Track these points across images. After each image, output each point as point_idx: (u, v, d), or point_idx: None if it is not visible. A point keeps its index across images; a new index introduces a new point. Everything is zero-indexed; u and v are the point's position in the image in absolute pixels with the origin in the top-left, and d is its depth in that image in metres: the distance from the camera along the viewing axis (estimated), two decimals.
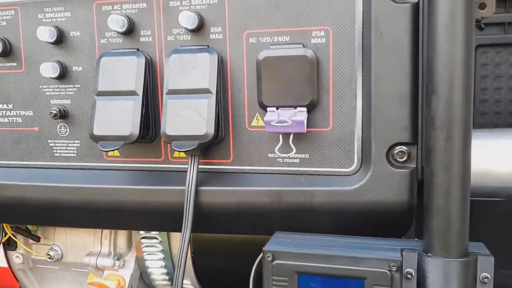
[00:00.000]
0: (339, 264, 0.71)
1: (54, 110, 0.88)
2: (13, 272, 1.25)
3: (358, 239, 0.77)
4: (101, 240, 1.15)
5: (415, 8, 0.71)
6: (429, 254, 0.69)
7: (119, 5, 0.84)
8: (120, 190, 0.87)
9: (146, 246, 1.14)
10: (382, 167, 0.75)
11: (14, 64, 0.92)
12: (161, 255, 1.14)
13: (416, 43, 0.72)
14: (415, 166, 0.75)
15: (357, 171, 0.79)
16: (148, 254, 1.14)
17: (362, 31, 0.75)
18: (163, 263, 1.15)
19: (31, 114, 0.93)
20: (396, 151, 0.75)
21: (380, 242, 0.76)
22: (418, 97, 0.74)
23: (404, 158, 0.75)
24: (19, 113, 0.94)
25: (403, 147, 0.75)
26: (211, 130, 0.78)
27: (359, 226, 0.80)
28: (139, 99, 0.82)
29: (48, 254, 1.17)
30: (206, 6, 0.81)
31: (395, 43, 0.72)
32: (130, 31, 0.84)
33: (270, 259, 0.74)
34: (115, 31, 0.83)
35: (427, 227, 0.69)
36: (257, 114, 0.82)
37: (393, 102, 0.73)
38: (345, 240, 0.76)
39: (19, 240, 1.18)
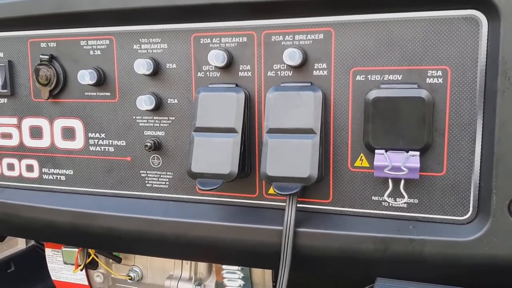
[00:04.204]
0: None
1: (149, 142, 0.87)
2: None
3: None
4: (182, 264, 1.14)
5: None
6: None
7: (218, 38, 0.82)
8: (212, 226, 0.85)
9: (227, 272, 1.12)
10: (503, 219, 0.70)
11: (108, 94, 0.92)
12: (241, 282, 1.12)
13: None
14: None
15: (471, 221, 0.73)
16: (228, 280, 1.13)
17: (485, 72, 0.69)
18: None
19: (124, 144, 0.92)
20: None
21: None
22: None
23: None
24: (112, 142, 0.93)
25: None
26: (314, 173, 0.75)
27: (469, 278, 0.75)
28: (238, 137, 0.79)
29: (129, 276, 1.18)
30: (311, 41, 0.77)
31: None
32: (229, 65, 0.82)
33: None
34: (214, 66, 0.81)
35: None
36: (362, 154, 0.78)
37: None
38: None
39: (101, 260, 1.19)
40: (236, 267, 1.11)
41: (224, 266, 1.12)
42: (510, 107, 0.67)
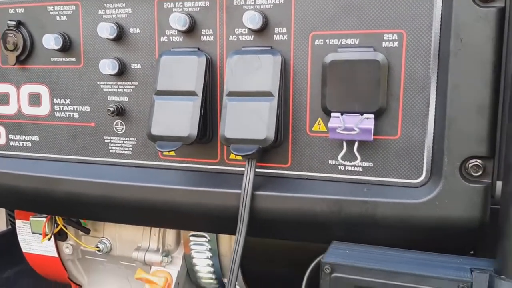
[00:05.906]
0: (404, 281, 0.67)
1: (111, 107, 0.88)
2: (62, 262, 1.27)
3: (423, 255, 0.73)
4: (150, 236, 1.15)
5: (501, 13, 0.66)
6: (502, 276, 0.64)
7: (181, 3, 0.82)
8: (174, 190, 0.86)
9: (194, 244, 1.13)
10: (454, 181, 0.71)
11: (73, 59, 0.92)
12: (208, 254, 1.13)
13: (499, 50, 0.67)
14: (490, 181, 0.70)
15: (425, 183, 0.74)
16: (196, 252, 1.13)
17: (440, 36, 0.70)
18: (210, 262, 1.14)
19: (88, 110, 0.93)
20: (470, 165, 0.70)
21: (447, 259, 0.71)
22: (498, 108, 0.68)
23: (479, 173, 0.70)
24: (76, 108, 0.93)
25: (478, 160, 0.70)
26: (271, 135, 0.76)
27: (423, 241, 0.76)
28: (198, 100, 0.80)
29: (98, 247, 1.18)
30: (272, 5, 0.78)
31: (477, 50, 0.67)
32: (191, 29, 0.82)
33: (328, 271, 0.71)
34: (177, 29, 0.81)
35: (501, 247, 0.64)
36: (319, 119, 0.78)
37: (470, 113, 0.69)
38: (408, 255, 0.73)
39: (70, 231, 1.19)
40: (203, 239, 1.11)
41: (191, 238, 1.12)
42: (462, 68, 0.68)
